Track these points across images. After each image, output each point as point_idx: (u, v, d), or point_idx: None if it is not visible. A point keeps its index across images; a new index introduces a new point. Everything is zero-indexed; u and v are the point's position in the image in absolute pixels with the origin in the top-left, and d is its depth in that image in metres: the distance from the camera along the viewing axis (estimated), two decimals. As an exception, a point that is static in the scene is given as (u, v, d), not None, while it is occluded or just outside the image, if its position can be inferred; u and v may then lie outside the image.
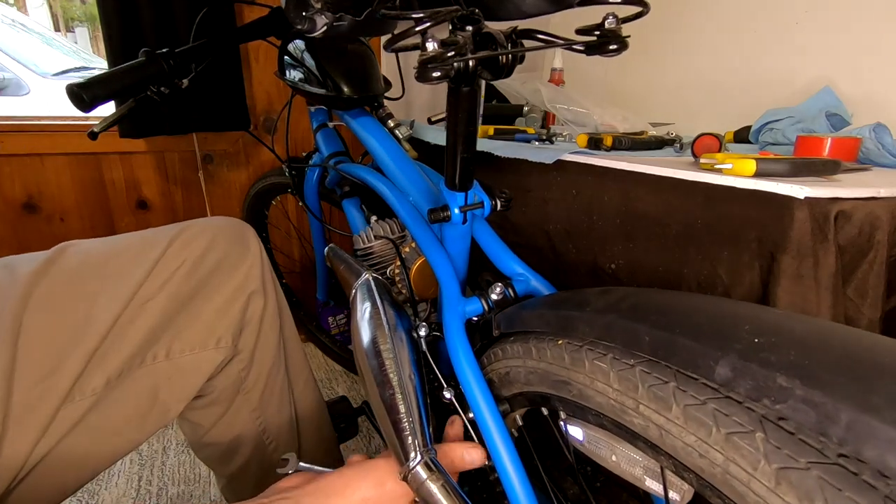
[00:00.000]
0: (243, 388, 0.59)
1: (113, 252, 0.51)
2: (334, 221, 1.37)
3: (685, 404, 0.33)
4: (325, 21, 0.44)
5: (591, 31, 0.39)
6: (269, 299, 0.60)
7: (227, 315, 0.55)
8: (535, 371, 0.48)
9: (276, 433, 0.64)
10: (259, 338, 0.59)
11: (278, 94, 1.32)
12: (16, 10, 3.83)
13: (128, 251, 0.51)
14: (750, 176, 0.51)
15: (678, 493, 0.42)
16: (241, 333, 0.57)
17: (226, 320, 0.55)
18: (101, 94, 0.61)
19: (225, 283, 0.56)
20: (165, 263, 0.52)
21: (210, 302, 0.55)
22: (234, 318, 0.56)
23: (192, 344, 0.53)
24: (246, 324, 0.58)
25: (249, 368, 0.59)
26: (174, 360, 0.52)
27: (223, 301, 0.55)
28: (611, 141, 0.74)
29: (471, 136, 0.49)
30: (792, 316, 0.33)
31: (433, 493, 0.45)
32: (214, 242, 0.55)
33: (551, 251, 0.75)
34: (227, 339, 0.55)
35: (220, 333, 0.55)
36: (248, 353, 0.58)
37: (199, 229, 0.55)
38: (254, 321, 0.58)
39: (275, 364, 0.62)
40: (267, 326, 0.60)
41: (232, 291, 0.56)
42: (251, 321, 0.58)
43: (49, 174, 1.17)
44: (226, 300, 0.55)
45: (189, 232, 0.54)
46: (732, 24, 1.06)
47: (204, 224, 0.57)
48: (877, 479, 0.24)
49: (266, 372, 0.61)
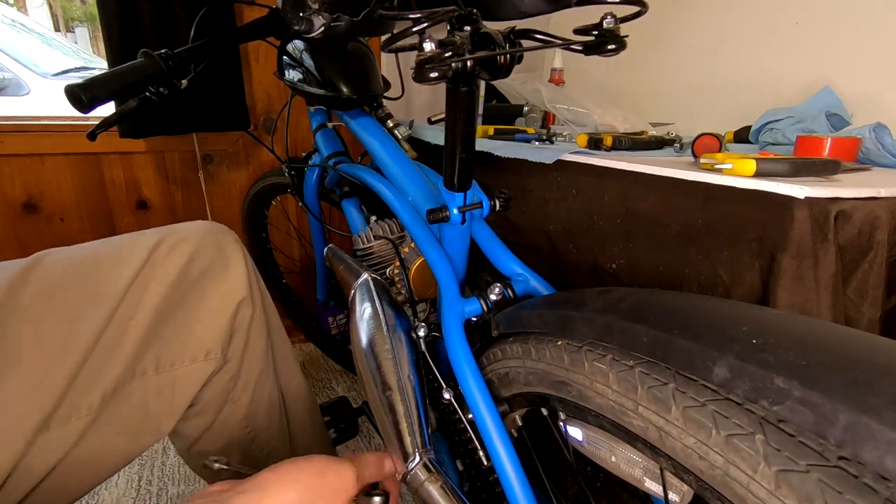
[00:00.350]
0: (231, 397, 0.58)
1: (93, 262, 0.49)
2: (334, 221, 1.37)
3: (684, 406, 0.33)
4: (323, 21, 0.44)
5: (589, 31, 0.39)
6: (257, 306, 0.59)
7: (216, 325, 0.54)
8: (534, 371, 0.48)
9: (267, 441, 0.63)
10: (247, 346, 0.58)
11: (278, 94, 1.32)
12: (16, 10, 3.83)
13: (108, 260, 0.50)
14: (750, 176, 0.50)
15: (678, 494, 0.41)
16: (230, 343, 0.56)
17: (215, 330, 0.54)
18: (101, 95, 0.61)
19: (212, 292, 0.54)
20: (151, 272, 0.50)
21: (198, 312, 0.53)
22: (224, 327, 0.55)
23: (181, 357, 0.52)
24: (234, 332, 0.57)
25: (237, 378, 0.58)
26: (164, 373, 0.51)
27: (211, 311, 0.54)
28: (611, 141, 0.74)
29: (469, 136, 0.48)
30: (790, 316, 0.33)
31: (432, 494, 0.45)
32: (199, 250, 0.54)
33: (551, 251, 0.75)
34: (216, 350, 0.54)
35: (210, 345, 0.54)
36: (235, 363, 0.57)
37: (182, 236, 0.54)
38: (242, 329, 0.57)
39: (263, 371, 0.61)
40: (255, 334, 0.59)
41: (220, 301, 0.55)
42: (239, 329, 0.57)
43: (49, 174, 1.17)
44: (214, 310, 0.54)
45: (172, 239, 0.53)
46: (732, 24, 1.06)
47: (186, 230, 0.55)
48: (877, 481, 0.24)
49: (254, 380, 0.60)
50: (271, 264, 1.39)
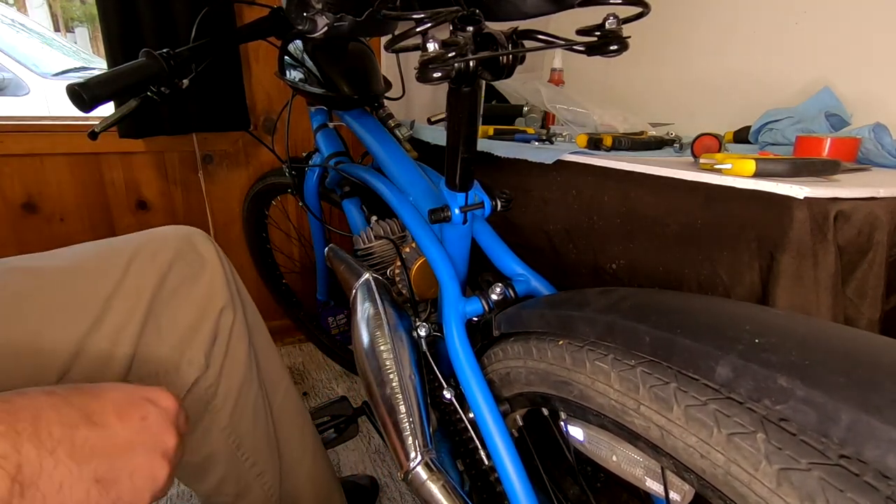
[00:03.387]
0: (211, 406, 0.56)
1: (70, 270, 0.47)
2: (334, 222, 1.37)
3: (686, 405, 0.33)
4: (326, 21, 0.44)
5: (591, 31, 0.39)
6: (238, 312, 0.58)
7: (198, 332, 0.53)
8: (535, 371, 0.48)
9: (252, 449, 0.61)
10: (227, 353, 0.57)
11: (278, 94, 1.32)
12: (16, 10, 3.82)
13: (87, 269, 0.48)
14: (750, 176, 0.51)
15: (679, 493, 0.42)
16: (212, 349, 0.55)
17: (197, 338, 0.53)
18: (102, 95, 0.61)
19: (192, 299, 0.53)
20: (133, 281, 0.49)
21: (178, 321, 0.52)
22: (206, 334, 0.54)
23: (164, 365, 0.51)
24: (216, 339, 0.55)
25: (217, 385, 0.56)
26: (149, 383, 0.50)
27: (192, 318, 0.53)
28: (611, 141, 0.74)
29: (471, 136, 0.49)
30: (792, 316, 0.33)
31: (433, 493, 0.46)
32: (179, 256, 0.53)
33: (551, 251, 0.76)
34: (199, 358, 0.53)
35: (193, 353, 0.53)
36: (215, 370, 0.56)
37: (160, 243, 0.52)
38: (222, 336, 0.56)
39: (246, 379, 0.59)
40: (235, 341, 0.57)
41: (201, 307, 0.54)
42: (220, 336, 0.56)
43: (49, 174, 1.17)
44: (195, 317, 0.53)
45: (150, 247, 0.52)
46: (732, 25, 1.07)
47: (164, 236, 0.54)
48: (878, 480, 0.24)
49: (236, 388, 0.58)
50: (271, 264, 1.39)
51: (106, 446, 0.31)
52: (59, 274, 0.47)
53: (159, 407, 0.35)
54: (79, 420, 0.31)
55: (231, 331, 0.57)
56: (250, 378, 0.60)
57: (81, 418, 0.31)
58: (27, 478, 0.27)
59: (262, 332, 0.65)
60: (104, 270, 0.48)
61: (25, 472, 0.27)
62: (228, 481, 0.61)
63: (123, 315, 0.47)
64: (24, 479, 0.27)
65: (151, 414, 0.34)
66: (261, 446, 0.62)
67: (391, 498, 0.99)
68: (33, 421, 0.29)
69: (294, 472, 0.68)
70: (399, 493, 1.00)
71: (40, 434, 0.28)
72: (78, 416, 0.31)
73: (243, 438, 0.60)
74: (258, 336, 0.64)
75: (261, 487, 0.63)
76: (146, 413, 0.34)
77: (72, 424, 0.30)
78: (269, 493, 0.64)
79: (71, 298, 0.46)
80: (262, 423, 0.63)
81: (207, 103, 1.14)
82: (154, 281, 0.50)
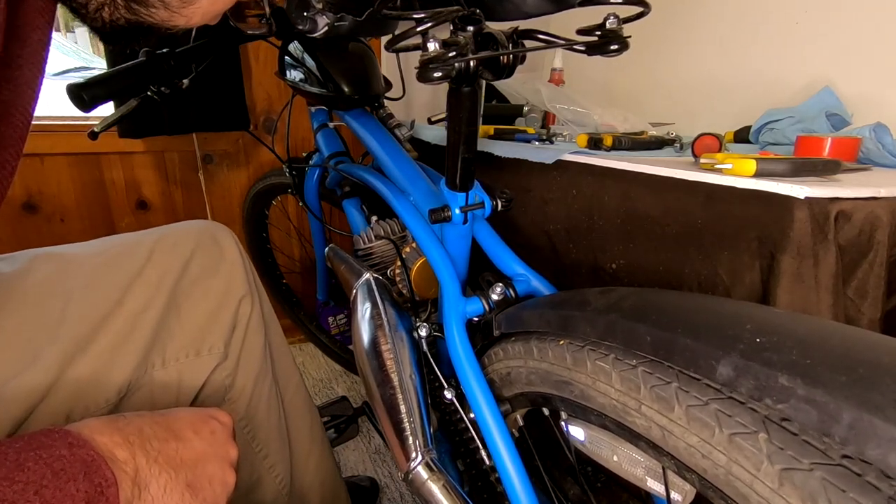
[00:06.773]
0: (229, 396, 0.58)
1: (95, 258, 0.49)
2: (334, 222, 1.37)
3: (688, 405, 0.33)
4: (327, 21, 0.44)
5: (592, 31, 0.39)
6: (256, 305, 0.59)
7: (217, 321, 0.54)
8: (536, 371, 0.48)
9: (265, 441, 0.62)
10: (244, 344, 0.58)
11: (278, 94, 1.32)
12: (15, 11, 3.81)
13: (109, 257, 0.50)
14: (750, 176, 0.51)
15: (680, 493, 0.42)
16: (231, 337, 0.56)
17: (218, 325, 0.54)
18: (101, 94, 0.61)
19: (214, 287, 0.55)
20: (155, 269, 0.51)
21: (201, 307, 0.54)
22: (227, 322, 0.55)
23: (185, 350, 0.52)
24: (235, 327, 0.57)
25: (235, 375, 0.58)
26: (169, 367, 0.51)
27: (214, 306, 0.54)
28: (611, 141, 0.74)
29: (471, 136, 0.49)
30: (793, 315, 0.33)
31: (434, 493, 0.46)
32: (199, 247, 0.55)
33: (551, 251, 0.75)
34: (219, 345, 0.54)
35: (213, 340, 0.54)
36: (233, 360, 0.57)
37: (180, 235, 0.54)
38: (241, 326, 0.57)
39: (261, 371, 0.61)
40: (252, 332, 0.59)
41: (221, 296, 0.55)
42: (239, 326, 0.57)
43: (49, 174, 1.16)
44: (215, 305, 0.55)
45: (172, 237, 0.53)
46: (732, 25, 1.07)
47: (185, 229, 0.56)
48: (881, 480, 0.24)
49: (252, 379, 0.59)
50: (271, 264, 1.39)
51: (190, 457, 0.37)
52: (84, 261, 0.49)
53: (221, 423, 0.42)
54: (168, 435, 0.36)
55: (249, 321, 0.58)
56: (265, 370, 0.61)
57: (169, 433, 0.37)
58: (142, 481, 0.32)
59: (276, 328, 0.66)
60: (127, 259, 0.50)
61: (140, 476, 0.32)
62: (241, 472, 0.62)
63: (143, 301, 0.49)
64: (140, 482, 0.32)
65: (217, 429, 0.41)
66: (273, 439, 0.63)
67: (391, 499, 0.99)
68: (139, 434, 0.34)
69: (303, 467, 0.69)
70: (399, 493, 1.00)
71: (145, 445, 0.34)
72: (166, 432, 0.36)
73: (257, 430, 0.61)
74: (273, 330, 0.65)
75: (272, 480, 0.63)
76: (213, 428, 0.40)
77: (164, 438, 0.36)
78: (280, 486, 0.64)
79: (93, 284, 0.48)
80: (275, 416, 0.64)
81: (207, 103, 1.14)
82: (175, 270, 0.52)
